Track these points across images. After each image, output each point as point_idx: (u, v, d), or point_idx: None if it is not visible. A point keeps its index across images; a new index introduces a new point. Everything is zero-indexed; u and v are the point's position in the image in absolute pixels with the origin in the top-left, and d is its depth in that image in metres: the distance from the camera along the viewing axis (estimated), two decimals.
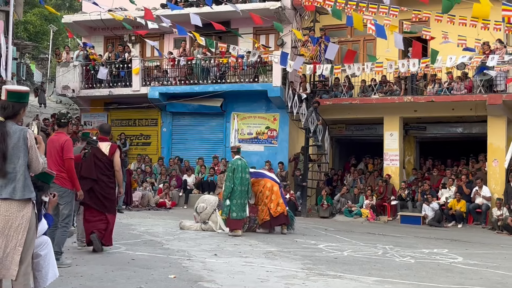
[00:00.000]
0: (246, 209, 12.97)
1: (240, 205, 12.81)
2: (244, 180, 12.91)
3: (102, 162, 9.30)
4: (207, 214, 13.43)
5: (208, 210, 13.42)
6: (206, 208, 13.44)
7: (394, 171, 20.18)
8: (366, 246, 12.03)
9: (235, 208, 12.73)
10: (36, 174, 5.95)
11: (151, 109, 22.89)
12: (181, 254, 9.75)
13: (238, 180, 12.82)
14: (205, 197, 14.26)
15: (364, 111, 20.30)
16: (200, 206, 13.53)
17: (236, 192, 12.80)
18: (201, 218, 13.51)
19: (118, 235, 11.56)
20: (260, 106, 21.73)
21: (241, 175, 12.90)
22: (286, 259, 9.77)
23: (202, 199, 14.07)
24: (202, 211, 13.44)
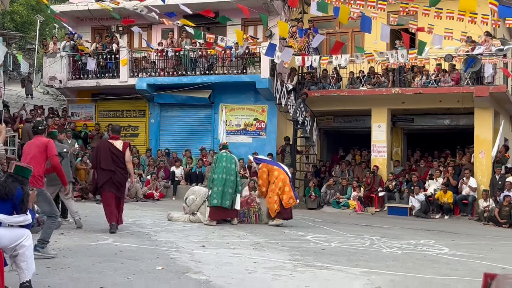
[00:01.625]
0: (230, 199, 13.15)
1: (221, 192, 13.04)
2: (228, 170, 13.25)
3: (117, 156, 11.33)
4: (196, 205, 13.44)
5: (197, 202, 13.43)
6: (196, 199, 13.45)
7: (381, 162, 20.26)
8: (354, 237, 12.09)
9: (216, 195, 13.01)
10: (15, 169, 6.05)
11: (139, 100, 22.79)
12: (169, 245, 9.75)
13: (220, 169, 13.18)
14: (195, 189, 14.26)
15: (352, 103, 20.34)
16: (190, 198, 13.53)
17: (218, 180, 13.11)
18: (191, 210, 13.51)
19: (106, 227, 11.54)
20: (248, 98, 21.73)
21: (224, 164, 13.26)
22: (274, 250, 9.79)
23: (192, 190, 14.08)
24: (192, 203, 13.44)
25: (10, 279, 6.15)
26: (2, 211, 5.89)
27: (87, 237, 10.27)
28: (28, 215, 6.04)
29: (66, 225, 11.51)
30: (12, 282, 6.10)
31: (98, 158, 11.41)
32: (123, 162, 11.34)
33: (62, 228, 10.93)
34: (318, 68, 20.47)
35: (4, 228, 5.87)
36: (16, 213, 5.98)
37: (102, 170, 11.27)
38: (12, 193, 5.94)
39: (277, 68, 20.70)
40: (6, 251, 5.84)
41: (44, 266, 7.37)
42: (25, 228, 6.03)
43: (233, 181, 13.27)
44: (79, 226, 11.38)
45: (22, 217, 5.99)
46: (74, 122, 22.75)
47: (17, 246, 5.75)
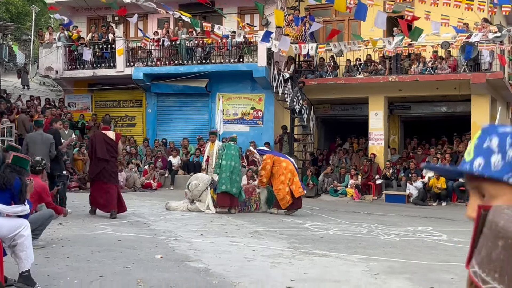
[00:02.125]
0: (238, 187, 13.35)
1: (229, 178, 13.20)
2: (236, 158, 13.55)
3: (111, 146, 11.92)
4: (198, 191, 13.44)
5: (200, 188, 13.44)
6: (199, 185, 13.46)
7: (379, 150, 20.28)
8: (352, 224, 12.13)
9: (224, 181, 13.19)
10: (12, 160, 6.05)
11: (135, 90, 22.75)
12: (168, 234, 9.76)
13: (229, 156, 13.42)
14: (198, 175, 14.27)
15: (349, 91, 20.32)
16: (192, 184, 13.54)
17: (226, 166, 13.28)
18: (192, 195, 13.51)
19: (104, 216, 11.57)
20: (245, 87, 21.69)
21: (232, 152, 13.52)
22: (272, 238, 9.82)
23: (195, 176, 14.14)
24: (194, 188, 13.44)
25: (10, 269, 6.15)
26: (1, 201, 5.88)
27: (85, 227, 10.28)
28: (26, 205, 6.04)
29: None
30: (11, 272, 6.10)
31: (93, 148, 11.99)
32: (116, 151, 12.07)
33: (60, 218, 10.92)
34: (315, 56, 20.43)
35: (3, 218, 5.87)
36: (15, 203, 5.98)
37: (98, 159, 11.84)
38: (10, 183, 5.94)
39: (274, 57, 20.66)
40: (5, 241, 5.83)
41: (43, 256, 7.38)
42: (23, 218, 6.02)
43: (240, 169, 13.58)
44: None
45: (20, 207, 5.99)
46: (71, 112, 22.66)
47: (15, 236, 5.75)
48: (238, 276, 6.76)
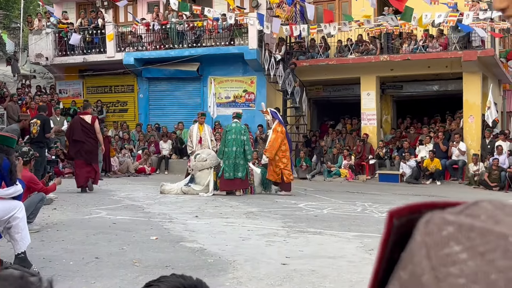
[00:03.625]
0: (243, 170, 13.38)
1: (233, 164, 13.25)
2: (238, 141, 13.45)
3: (87, 129, 13.38)
4: (202, 165, 13.42)
5: (205, 164, 13.42)
6: (206, 160, 13.43)
7: (371, 130, 20.32)
8: (346, 204, 12.19)
9: (228, 169, 13.24)
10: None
11: (126, 75, 22.64)
12: (162, 217, 9.79)
13: (229, 142, 13.39)
14: (211, 152, 14.15)
15: (341, 72, 20.31)
16: (201, 156, 13.49)
17: (228, 153, 13.33)
18: (194, 166, 13.49)
19: (98, 201, 11.60)
20: (237, 69, 21.63)
21: (232, 136, 13.44)
22: (266, 218, 9.86)
23: (207, 151, 14.04)
24: (200, 161, 13.42)
25: (4, 253, 6.17)
26: None
27: (80, 211, 10.28)
28: (18, 185, 6.00)
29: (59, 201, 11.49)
30: (5, 255, 6.12)
31: (71, 132, 13.71)
32: (93, 133, 13.46)
33: (54, 203, 10.93)
34: (306, 37, 20.39)
35: None
36: (6, 185, 5.94)
37: (74, 141, 13.49)
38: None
39: (264, 39, 20.59)
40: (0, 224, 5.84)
41: (38, 240, 7.39)
42: (17, 200, 6.00)
43: (241, 152, 13.49)
44: None
45: (12, 188, 5.96)
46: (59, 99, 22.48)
47: (10, 218, 5.74)
48: (234, 254, 6.80)
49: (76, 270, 5.97)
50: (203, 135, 14.99)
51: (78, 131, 13.41)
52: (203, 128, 15.22)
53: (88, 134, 13.39)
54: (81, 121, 13.57)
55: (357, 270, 6.18)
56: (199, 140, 15.07)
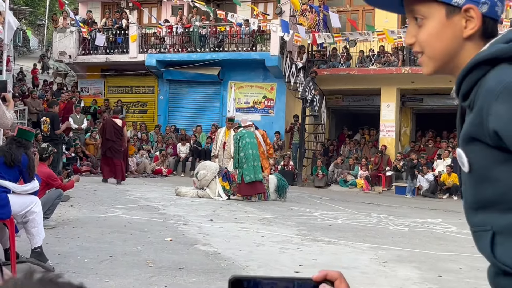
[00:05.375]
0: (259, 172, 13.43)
1: (252, 167, 13.31)
2: (253, 144, 13.59)
3: (117, 130, 15.54)
4: (206, 181, 13.47)
5: (208, 177, 13.46)
6: (207, 174, 13.48)
7: (390, 142, 20.24)
8: (361, 214, 12.13)
9: (248, 172, 13.27)
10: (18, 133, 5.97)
11: (148, 76, 22.80)
12: (177, 219, 9.82)
13: (246, 145, 13.48)
14: (206, 164, 14.25)
15: (362, 82, 20.27)
16: (201, 173, 13.55)
17: (246, 156, 13.37)
18: (201, 184, 13.55)
19: (115, 200, 11.67)
20: (258, 75, 21.66)
21: (248, 140, 13.57)
22: (281, 225, 9.85)
23: (203, 165, 14.10)
24: (203, 178, 13.47)
25: (21, 247, 6.23)
26: (10, 178, 5.88)
27: (96, 209, 10.34)
28: (35, 181, 6.04)
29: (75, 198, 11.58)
30: (23, 249, 6.18)
31: (104, 131, 15.67)
32: (121, 135, 15.63)
33: (71, 200, 11.02)
34: (328, 46, 20.38)
35: (14, 195, 5.89)
36: (24, 181, 5.99)
37: (106, 139, 15.49)
38: (18, 159, 5.86)
39: (286, 46, 20.61)
40: (16, 218, 5.89)
41: (54, 236, 7.45)
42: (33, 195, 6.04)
43: (258, 155, 13.64)
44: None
45: (30, 185, 6.00)
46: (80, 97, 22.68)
47: (27, 212, 5.79)
48: (247, 260, 6.80)
49: (91, 267, 6.00)
50: (228, 140, 15.05)
51: (110, 131, 15.45)
52: (229, 133, 15.27)
53: (117, 135, 15.54)
54: (113, 123, 15.69)
55: (371, 281, 6.15)
56: (223, 144, 15.13)
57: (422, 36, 1.34)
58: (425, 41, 1.34)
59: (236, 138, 13.79)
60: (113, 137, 15.36)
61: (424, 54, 1.36)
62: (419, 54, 1.38)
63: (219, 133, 15.57)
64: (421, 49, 1.36)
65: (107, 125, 15.66)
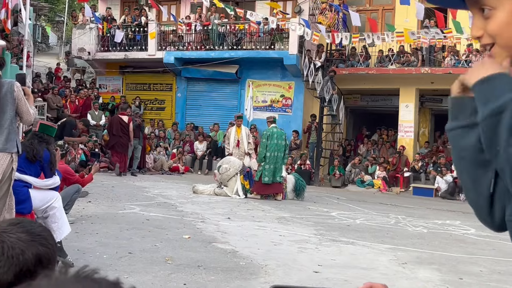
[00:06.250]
0: (279, 175, 13.40)
1: (273, 170, 13.33)
2: (279, 147, 13.52)
3: (123, 126, 16.68)
4: (228, 176, 13.45)
5: (230, 172, 13.44)
6: (229, 169, 13.46)
7: (408, 142, 20.10)
8: (379, 215, 12.06)
9: (267, 173, 13.29)
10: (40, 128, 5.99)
11: (166, 74, 22.82)
12: (195, 216, 9.82)
13: (272, 146, 13.45)
14: (230, 159, 14.21)
15: (380, 82, 20.15)
16: (223, 167, 13.53)
17: (270, 157, 13.38)
18: (221, 178, 13.52)
19: (132, 197, 11.71)
20: (276, 74, 21.61)
21: (275, 141, 13.48)
22: (299, 224, 9.82)
23: (227, 159, 14.08)
24: (224, 172, 13.45)
25: None
26: (32, 173, 5.91)
27: (114, 205, 10.38)
28: (56, 176, 6.06)
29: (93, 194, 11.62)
30: None
31: (111, 127, 17.03)
32: (128, 131, 16.66)
33: (89, 196, 11.07)
34: (347, 46, 20.29)
35: (35, 190, 5.92)
36: (45, 176, 6.01)
37: (113, 135, 16.75)
38: (40, 155, 5.88)
39: (305, 45, 20.53)
40: (37, 213, 5.92)
41: (73, 232, 7.44)
42: (54, 190, 6.07)
43: (281, 157, 13.64)
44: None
45: (51, 180, 6.03)
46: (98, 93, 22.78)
47: (47, 208, 5.82)
48: (265, 259, 6.78)
49: (110, 264, 6.02)
50: (240, 138, 15.06)
51: (116, 127, 16.60)
52: (241, 130, 15.27)
53: (124, 131, 16.58)
54: (119, 120, 16.81)
55: (391, 283, 6.10)
56: (236, 143, 15.11)
57: (492, 26, 1.31)
58: (496, 31, 1.31)
59: (265, 135, 13.73)
60: (119, 132, 16.56)
61: (496, 44, 1.33)
62: (487, 46, 1.34)
63: (231, 132, 15.52)
64: (492, 40, 1.33)
65: (114, 122, 16.98)
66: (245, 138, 15.11)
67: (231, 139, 15.22)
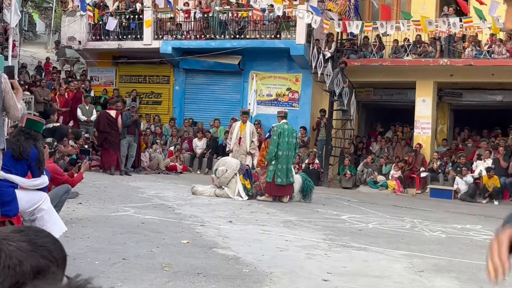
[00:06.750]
0: (291, 175, 13.49)
1: (285, 170, 13.36)
2: (290, 145, 13.56)
3: (111, 122, 16.95)
4: (226, 178, 13.48)
5: (228, 174, 13.46)
6: (226, 171, 13.48)
7: (425, 140, 20.09)
8: (393, 219, 12.07)
9: (280, 174, 13.30)
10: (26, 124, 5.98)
11: (163, 65, 22.84)
12: (194, 219, 9.84)
13: (284, 144, 13.45)
14: (226, 160, 14.28)
15: (395, 74, 20.12)
16: (220, 170, 13.56)
17: (282, 157, 13.37)
18: (220, 182, 13.55)
19: (126, 198, 11.74)
20: (282, 66, 21.60)
21: (287, 139, 13.52)
22: (306, 229, 9.83)
23: (223, 161, 14.13)
24: (222, 175, 13.48)
25: None
26: (18, 172, 5.90)
27: (106, 207, 10.41)
28: (44, 176, 6.06)
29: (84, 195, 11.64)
30: None
31: (98, 123, 17.37)
32: (117, 126, 16.85)
33: (79, 197, 11.09)
34: (359, 35, 20.26)
35: (22, 190, 5.91)
36: (32, 175, 6.01)
37: (100, 132, 17.15)
38: (26, 152, 5.87)
39: (313, 34, 20.49)
40: (23, 216, 5.93)
41: (63, 236, 7.44)
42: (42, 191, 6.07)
43: (293, 156, 13.79)
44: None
45: (39, 180, 6.04)
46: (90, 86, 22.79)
47: (35, 210, 5.84)
48: (270, 266, 6.78)
49: (102, 270, 6.02)
50: (243, 135, 15.07)
51: (103, 123, 16.98)
52: (245, 127, 15.27)
53: (112, 126, 16.86)
54: (106, 115, 17.16)
55: None
56: (238, 140, 15.13)
57: None
58: None
59: (276, 131, 13.68)
60: (107, 128, 16.88)
61: None
62: None
63: (234, 127, 15.57)
64: None
65: (101, 118, 17.38)
66: (248, 136, 15.11)
67: (234, 135, 15.26)
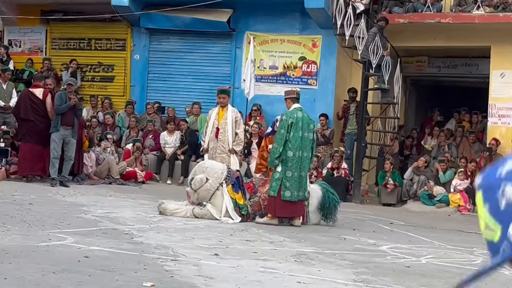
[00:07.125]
0: (306, 187, 13.32)
1: (298, 179, 13.14)
2: (305, 142, 13.22)
3: (36, 104, 16.67)
4: (208, 191, 13.37)
5: (209, 185, 13.38)
6: (207, 181, 13.39)
7: (504, 133, 20.11)
8: (457, 250, 12.10)
9: (290, 184, 13.09)
10: None
11: (115, 23, 22.82)
12: (162, 252, 9.85)
13: (296, 141, 13.12)
14: (206, 164, 14.22)
15: (460, 37, 20.16)
16: (197, 179, 13.44)
17: (293, 159, 13.15)
18: (199, 197, 13.49)
19: (62, 220, 11.73)
20: (291, 24, 21.58)
21: (300, 134, 13.18)
22: (328, 265, 9.85)
23: (200, 166, 14.04)
24: (200, 186, 13.41)
25: None
26: None
27: (33, 234, 10.39)
28: None
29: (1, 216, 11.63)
30: None
31: (18, 108, 17.20)
32: (45, 111, 16.73)
33: None
34: None
35: None
36: None
37: (21, 120, 17.05)
38: None
39: None
40: None
41: None
42: None
43: (309, 159, 13.53)
44: None
45: None
46: (8, 55, 22.81)
47: None
48: None
49: None
50: (221, 126, 14.87)
51: (25, 108, 16.91)
52: (225, 114, 15.04)
53: (39, 111, 16.90)
54: (29, 95, 17.13)
55: None
56: (215, 132, 14.92)
57: None
58: None
59: (285, 121, 13.30)
60: (30, 115, 16.79)
61: None
62: None
63: (210, 115, 15.27)
64: None
65: (22, 100, 17.39)
66: (230, 126, 14.90)
67: (209, 126, 15.05)
